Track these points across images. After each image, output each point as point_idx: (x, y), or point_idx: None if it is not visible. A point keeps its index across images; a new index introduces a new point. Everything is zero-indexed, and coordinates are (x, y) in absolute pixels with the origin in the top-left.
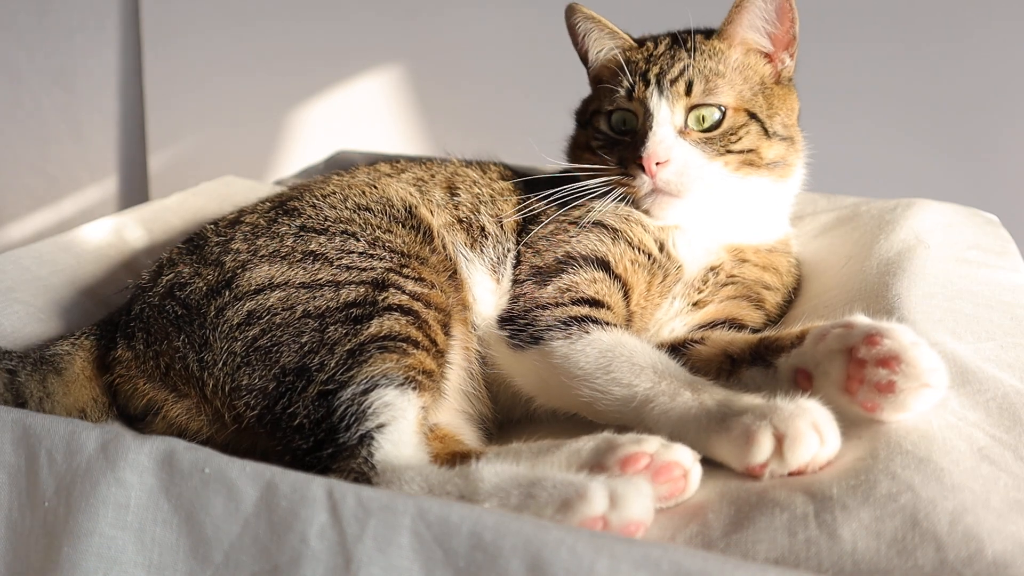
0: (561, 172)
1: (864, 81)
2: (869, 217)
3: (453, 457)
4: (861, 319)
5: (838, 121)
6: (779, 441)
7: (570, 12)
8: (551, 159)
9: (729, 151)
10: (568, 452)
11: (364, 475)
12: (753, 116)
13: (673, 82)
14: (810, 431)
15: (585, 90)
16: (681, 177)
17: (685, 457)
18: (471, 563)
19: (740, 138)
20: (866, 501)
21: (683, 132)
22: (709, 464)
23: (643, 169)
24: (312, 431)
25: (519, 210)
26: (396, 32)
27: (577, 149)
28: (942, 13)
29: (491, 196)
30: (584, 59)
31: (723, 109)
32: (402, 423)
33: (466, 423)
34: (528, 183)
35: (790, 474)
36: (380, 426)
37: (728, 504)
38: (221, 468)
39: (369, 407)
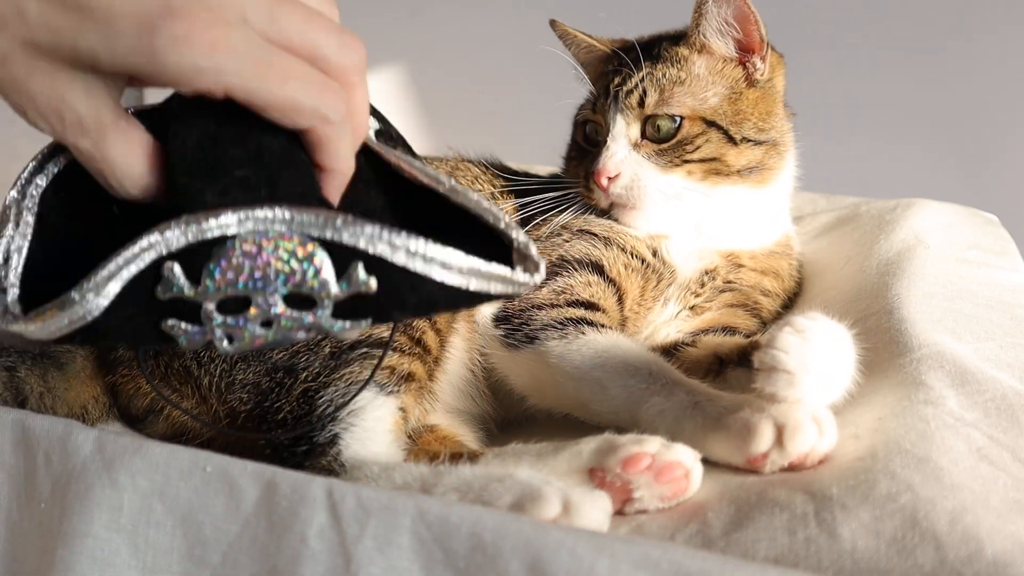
0: (551, 178)
1: (864, 82)
2: (869, 217)
3: (454, 458)
4: (793, 316)
5: (838, 121)
6: (779, 432)
7: (552, 27)
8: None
9: (687, 161)
10: (569, 454)
11: (334, 472)
12: (712, 124)
13: (628, 94)
14: (809, 421)
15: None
16: (631, 191)
17: (687, 457)
18: (471, 564)
19: (698, 147)
20: (866, 500)
21: (638, 144)
22: (709, 463)
23: (597, 184)
24: (293, 427)
25: (522, 218)
26: (396, 32)
27: (566, 157)
28: (941, 15)
29: (492, 195)
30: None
31: (678, 119)
32: (373, 424)
33: (468, 424)
34: (522, 185)
35: (789, 466)
36: (350, 427)
37: (728, 503)
38: (222, 467)
39: (344, 408)
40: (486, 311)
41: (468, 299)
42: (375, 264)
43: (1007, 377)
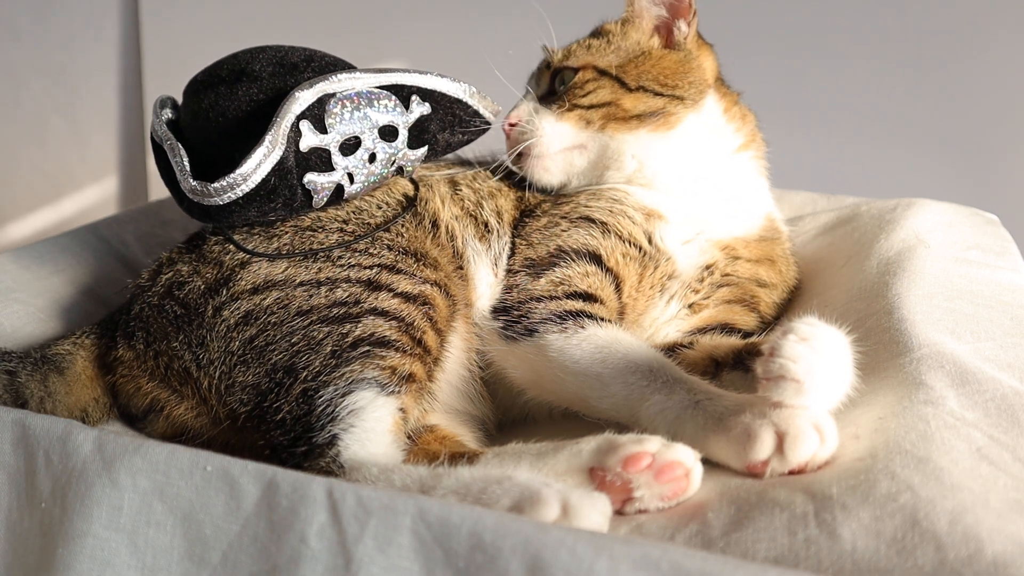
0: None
1: (865, 82)
2: (869, 217)
3: (454, 458)
4: (794, 323)
5: (839, 122)
6: (780, 439)
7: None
8: None
9: (577, 105)
10: (569, 453)
11: (332, 474)
12: (604, 73)
13: (543, 64)
14: (810, 429)
15: None
16: (524, 134)
17: (687, 456)
18: (471, 563)
19: (588, 92)
20: (866, 500)
21: (543, 99)
22: (709, 463)
23: (505, 133)
24: (292, 427)
25: (520, 213)
26: (395, 32)
27: None
28: (942, 16)
29: (490, 192)
30: None
31: (575, 70)
32: (373, 424)
33: (466, 424)
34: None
35: (789, 472)
36: (349, 427)
37: (728, 503)
38: (223, 466)
39: (344, 409)
40: (484, 304)
41: (469, 116)
42: (424, 94)
43: (1007, 377)
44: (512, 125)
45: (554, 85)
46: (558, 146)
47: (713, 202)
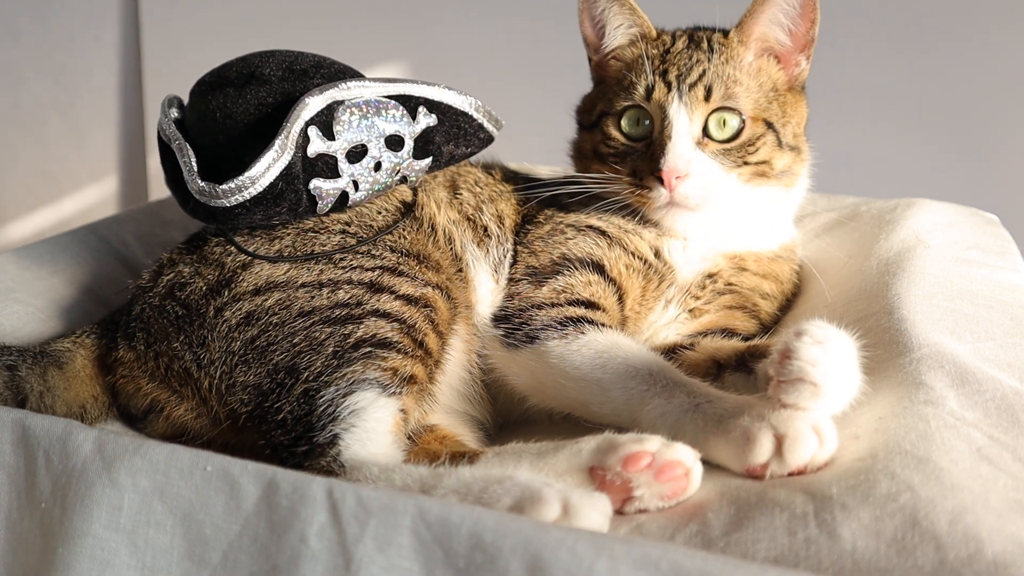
0: (564, 179)
1: (865, 81)
2: (869, 217)
3: (454, 458)
4: (806, 325)
5: (839, 121)
6: (779, 442)
7: None
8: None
9: (746, 163)
10: (569, 452)
11: (333, 473)
12: (770, 126)
13: (692, 87)
14: (809, 432)
15: (585, 89)
16: (702, 191)
17: (687, 456)
18: (471, 563)
19: (758, 149)
20: (866, 500)
21: (701, 143)
22: (709, 463)
23: (662, 182)
24: (292, 427)
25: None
26: (396, 32)
27: (583, 156)
28: (942, 13)
29: (491, 197)
30: (590, 42)
31: (743, 117)
32: (374, 424)
33: (466, 424)
34: (530, 187)
35: (789, 474)
36: (350, 427)
37: (728, 503)
38: (223, 466)
39: (345, 409)
40: (485, 309)
41: (474, 129)
42: (431, 106)
43: (1007, 377)
44: (678, 178)
45: (707, 125)
46: (720, 203)
47: (748, 225)
